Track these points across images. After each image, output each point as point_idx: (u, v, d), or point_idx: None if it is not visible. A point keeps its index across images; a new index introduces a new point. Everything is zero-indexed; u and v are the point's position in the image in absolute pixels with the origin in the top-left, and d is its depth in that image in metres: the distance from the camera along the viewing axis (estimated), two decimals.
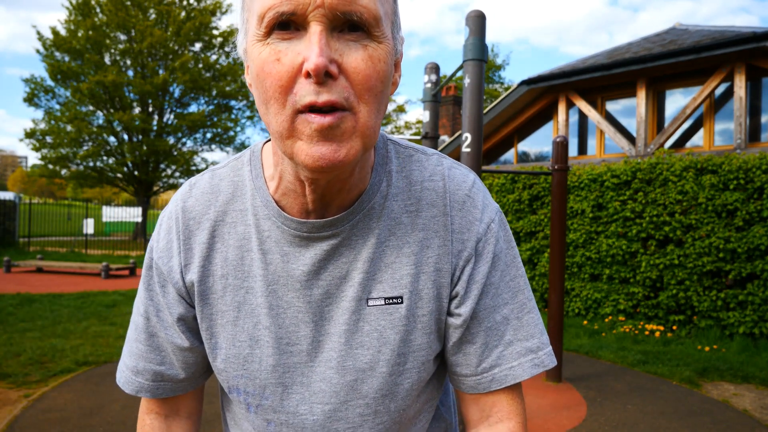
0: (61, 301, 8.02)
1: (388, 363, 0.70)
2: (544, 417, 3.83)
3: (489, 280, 0.71)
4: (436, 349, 0.73)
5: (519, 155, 12.38)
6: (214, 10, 25.41)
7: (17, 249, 17.59)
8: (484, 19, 3.38)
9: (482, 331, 0.71)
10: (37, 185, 66.81)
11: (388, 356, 0.70)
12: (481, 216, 0.72)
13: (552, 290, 4.71)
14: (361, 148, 0.61)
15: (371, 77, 0.59)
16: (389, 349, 0.70)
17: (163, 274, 0.75)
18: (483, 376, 0.72)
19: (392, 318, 0.70)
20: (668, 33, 10.98)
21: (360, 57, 0.58)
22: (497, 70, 32.43)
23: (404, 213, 0.71)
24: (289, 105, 0.58)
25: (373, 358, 0.70)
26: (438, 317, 0.72)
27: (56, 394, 4.06)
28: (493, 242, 0.72)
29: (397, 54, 0.66)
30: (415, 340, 0.71)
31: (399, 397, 0.72)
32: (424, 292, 0.70)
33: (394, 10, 0.65)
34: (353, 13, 0.57)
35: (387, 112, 24.70)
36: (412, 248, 0.70)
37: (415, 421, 0.77)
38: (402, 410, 0.73)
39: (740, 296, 5.99)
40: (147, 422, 0.83)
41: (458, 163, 0.78)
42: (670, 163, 6.61)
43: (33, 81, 23.58)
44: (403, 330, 0.70)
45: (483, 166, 10.72)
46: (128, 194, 27.55)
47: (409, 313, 0.70)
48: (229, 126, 26.07)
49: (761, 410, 4.14)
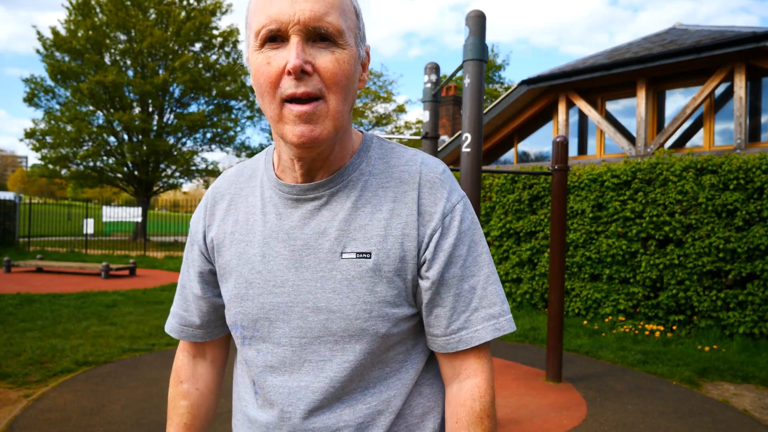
0: (61, 301, 8.02)
1: (354, 308, 0.83)
2: (544, 417, 3.83)
3: (457, 252, 0.85)
4: (400, 305, 0.85)
5: (519, 155, 12.38)
6: (214, 10, 25.39)
7: (17, 249, 17.59)
8: (484, 19, 3.38)
9: (451, 296, 0.85)
10: (37, 185, 66.81)
11: (355, 302, 0.83)
12: (449, 196, 0.86)
13: (552, 290, 4.71)
14: (332, 128, 0.80)
15: (338, 74, 0.78)
16: (356, 296, 0.83)
17: (192, 236, 1.00)
18: (451, 337, 0.85)
19: (361, 270, 0.83)
20: (668, 33, 10.98)
21: (328, 59, 0.77)
22: (497, 70, 32.43)
23: (380, 188, 0.87)
24: (277, 96, 0.78)
25: (342, 302, 0.83)
26: (403, 277, 0.84)
27: (56, 394, 4.06)
28: (458, 219, 0.86)
29: (362, 58, 0.85)
30: (380, 292, 0.83)
31: (364, 340, 0.83)
32: (391, 252, 0.84)
33: (357, 25, 0.83)
34: (321, 28, 0.76)
35: (387, 113, 24.71)
36: (383, 215, 0.85)
37: (385, 375, 0.88)
38: (367, 353, 0.84)
39: (740, 296, 5.99)
40: (179, 358, 1.06)
41: (432, 157, 0.92)
42: (670, 163, 6.61)
43: (33, 81, 23.57)
44: (369, 281, 0.83)
45: (483, 166, 10.72)
46: (128, 194, 27.54)
47: (376, 267, 0.83)
48: (229, 126, 26.06)
49: (761, 410, 4.14)
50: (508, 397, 4.25)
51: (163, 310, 7.62)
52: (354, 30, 0.82)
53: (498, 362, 5.34)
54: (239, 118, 27.23)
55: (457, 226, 0.85)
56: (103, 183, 26.66)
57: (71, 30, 23.49)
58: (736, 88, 9.03)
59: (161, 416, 3.67)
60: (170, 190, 28.36)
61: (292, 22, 0.75)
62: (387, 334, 0.84)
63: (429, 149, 4.67)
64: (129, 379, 4.47)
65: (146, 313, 7.36)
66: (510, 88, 13.98)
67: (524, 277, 7.82)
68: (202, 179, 28.25)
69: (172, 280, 11.24)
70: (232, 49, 26.37)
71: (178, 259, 15.85)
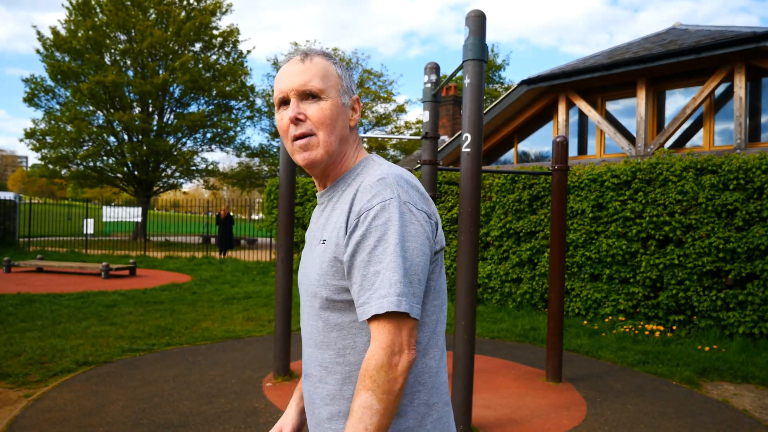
0: (61, 301, 8.02)
1: (315, 276, 1.17)
2: (544, 417, 3.83)
3: (366, 242, 1.07)
4: (339, 279, 1.13)
5: (519, 155, 12.38)
6: (214, 10, 25.38)
7: (17, 249, 17.59)
8: (484, 19, 3.38)
9: (359, 277, 1.08)
10: (37, 185, 66.78)
11: (316, 272, 1.17)
12: (371, 199, 1.09)
13: (552, 290, 4.71)
14: (324, 153, 1.18)
15: (320, 118, 1.17)
16: (317, 268, 1.16)
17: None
18: (360, 308, 1.08)
19: (320, 251, 1.17)
20: (668, 33, 10.98)
21: (313, 109, 1.17)
22: (497, 70, 32.42)
23: (345, 194, 1.18)
24: (289, 138, 1.20)
25: (312, 272, 1.19)
26: (339, 258, 1.12)
27: (56, 394, 4.06)
28: (372, 216, 1.08)
29: (348, 104, 1.23)
30: (327, 267, 1.14)
31: (316, 300, 1.17)
32: (331, 239, 1.14)
33: (340, 83, 1.21)
34: (307, 90, 1.17)
35: (387, 113, 24.62)
36: (337, 213, 1.17)
37: (327, 345, 1.17)
38: (317, 310, 1.17)
39: (740, 296, 5.99)
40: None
41: (392, 169, 1.15)
42: (670, 163, 6.61)
43: (33, 81, 23.56)
44: (319, 258, 1.17)
45: (483, 166, 10.72)
46: (128, 194, 27.53)
47: (325, 250, 1.15)
48: (229, 126, 26.04)
49: (761, 410, 4.14)
50: (508, 397, 4.26)
51: (163, 310, 7.62)
52: (336, 87, 1.20)
53: (498, 362, 5.34)
54: (239, 118, 27.22)
55: (369, 221, 1.07)
56: (103, 183, 26.66)
57: (71, 30, 23.48)
58: (736, 88, 9.03)
59: (161, 416, 3.67)
60: (170, 190, 28.36)
61: (291, 90, 1.18)
62: (328, 298, 1.14)
63: (429, 149, 4.67)
64: (129, 379, 4.47)
65: (146, 313, 7.36)
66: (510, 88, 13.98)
67: (524, 277, 7.82)
68: (202, 179, 28.25)
69: (172, 280, 11.24)
70: (232, 49, 26.36)
71: (178, 259, 15.84)
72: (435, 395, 1.16)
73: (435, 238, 1.14)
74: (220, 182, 32.78)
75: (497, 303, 8.15)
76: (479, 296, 8.35)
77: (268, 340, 6.00)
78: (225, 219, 18.32)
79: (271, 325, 6.71)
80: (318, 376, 1.19)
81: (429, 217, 1.13)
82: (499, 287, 8.09)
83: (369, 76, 31.51)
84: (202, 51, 25.74)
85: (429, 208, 1.14)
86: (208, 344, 5.80)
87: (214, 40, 25.58)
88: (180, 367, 4.86)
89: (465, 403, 3.34)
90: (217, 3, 25.55)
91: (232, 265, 14.22)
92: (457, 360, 3.35)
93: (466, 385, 3.33)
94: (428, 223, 1.12)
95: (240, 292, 9.50)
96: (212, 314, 7.45)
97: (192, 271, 13.02)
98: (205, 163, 27.05)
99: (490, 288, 8.23)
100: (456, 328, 3.35)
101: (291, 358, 4.89)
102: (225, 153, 30.65)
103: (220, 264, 14.45)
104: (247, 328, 6.55)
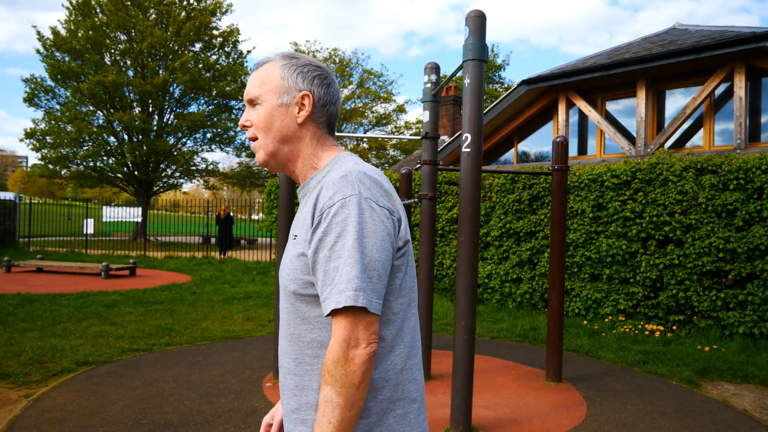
0: (61, 301, 8.02)
1: (285, 270, 1.21)
2: (544, 417, 3.83)
3: (326, 239, 1.11)
4: (306, 273, 1.16)
5: (519, 155, 12.38)
6: (214, 10, 25.37)
7: (17, 249, 17.59)
8: (484, 19, 3.38)
9: (321, 272, 1.11)
10: (37, 185, 66.79)
11: (287, 266, 1.20)
12: (332, 196, 1.12)
13: (552, 290, 4.71)
14: (265, 154, 1.27)
15: (257, 123, 1.26)
16: (287, 263, 1.21)
17: None
18: (323, 303, 1.10)
19: (291, 246, 1.21)
20: (668, 33, 10.98)
21: (253, 115, 1.27)
22: (497, 70, 32.41)
23: (314, 191, 1.20)
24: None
25: (284, 266, 1.22)
26: (303, 254, 1.16)
27: (56, 394, 4.06)
28: (332, 213, 1.11)
29: (285, 102, 1.25)
30: (292, 261, 1.19)
31: (285, 293, 1.22)
32: (300, 235, 1.18)
33: (280, 84, 1.25)
34: (249, 98, 1.28)
35: (387, 113, 24.66)
36: (306, 210, 1.19)
37: (296, 337, 1.20)
38: (288, 304, 1.21)
39: (740, 296, 5.99)
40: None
41: (356, 167, 1.17)
42: (670, 163, 6.61)
43: (33, 81, 23.55)
44: (290, 253, 1.20)
45: (483, 166, 10.71)
46: (128, 194, 27.52)
47: (295, 245, 1.19)
48: (229, 126, 26.03)
49: (761, 410, 4.14)
50: (508, 397, 4.26)
51: (163, 310, 7.62)
52: (274, 89, 1.25)
53: (498, 362, 5.34)
54: (239, 118, 27.18)
55: (330, 218, 1.10)
56: (103, 183, 26.64)
57: (71, 30, 23.47)
58: (736, 88, 9.03)
59: (161, 416, 3.67)
60: (170, 190, 28.35)
61: (245, 100, 1.30)
62: (296, 292, 1.18)
63: (429, 149, 4.67)
64: (129, 379, 4.47)
65: (146, 313, 7.36)
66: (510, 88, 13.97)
67: (524, 277, 7.82)
68: (202, 179, 28.25)
69: (172, 280, 11.24)
70: (232, 49, 26.35)
71: (178, 259, 15.84)
72: (399, 391, 1.17)
73: (398, 234, 1.16)
74: (220, 182, 32.79)
75: (497, 303, 8.15)
76: (479, 296, 8.35)
77: (268, 340, 6.00)
78: (224, 219, 18.32)
79: (271, 325, 6.72)
80: (287, 367, 1.22)
81: (391, 213, 1.14)
82: (499, 287, 8.09)
83: (369, 76, 31.52)
84: (202, 51, 25.73)
85: (392, 204, 1.15)
86: (208, 344, 5.80)
87: (214, 40, 25.57)
88: (180, 367, 4.86)
89: (465, 403, 3.34)
90: (217, 3, 25.55)
91: (232, 265, 14.22)
92: (457, 360, 3.35)
93: (466, 385, 3.33)
94: (389, 219, 1.13)
95: (240, 292, 9.50)
96: (212, 314, 7.45)
97: (192, 271, 13.02)
98: (205, 163, 27.04)
99: (490, 288, 8.23)
100: (456, 328, 3.35)
101: None
102: (225, 153, 30.61)
103: (220, 264, 14.45)
104: (247, 328, 6.55)
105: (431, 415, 3.78)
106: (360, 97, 31.30)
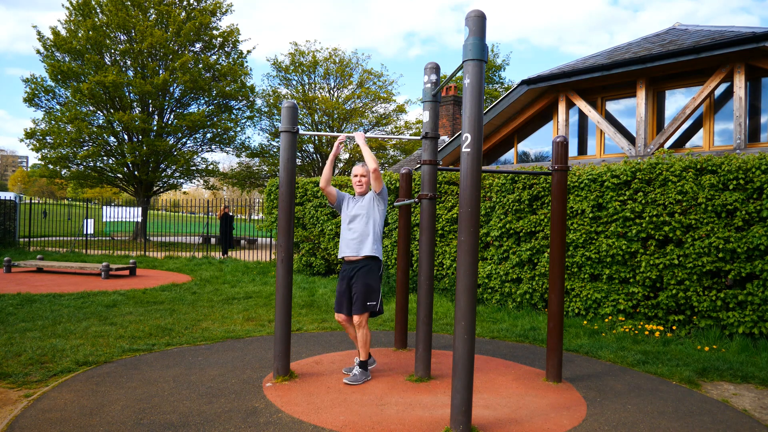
0: (61, 301, 8.02)
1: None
2: (544, 417, 3.83)
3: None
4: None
5: (519, 155, 12.38)
6: (214, 10, 25.38)
7: (17, 249, 17.60)
8: (484, 19, 3.39)
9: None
10: (38, 185, 66.78)
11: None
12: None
13: (552, 290, 4.71)
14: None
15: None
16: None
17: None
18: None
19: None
20: (668, 33, 10.97)
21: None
22: (497, 70, 32.41)
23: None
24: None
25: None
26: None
27: (56, 394, 4.06)
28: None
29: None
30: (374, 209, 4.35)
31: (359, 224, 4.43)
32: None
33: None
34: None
35: (387, 113, 24.83)
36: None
37: (365, 239, 4.47)
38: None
39: (740, 296, 5.99)
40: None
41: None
42: (670, 163, 6.61)
43: (33, 81, 23.55)
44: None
45: (483, 166, 10.72)
46: (128, 194, 27.52)
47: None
48: (229, 126, 26.04)
49: (761, 410, 4.14)
50: (508, 397, 4.26)
51: (163, 310, 7.63)
52: None
53: (498, 362, 5.34)
54: (239, 118, 27.21)
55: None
56: (104, 183, 26.64)
57: (71, 30, 23.48)
58: (736, 89, 9.03)
59: (161, 416, 3.67)
60: (170, 190, 28.34)
61: None
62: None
63: (429, 149, 4.67)
64: (129, 379, 4.47)
65: (146, 313, 7.36)
66: (510, 88, 13.95)
67: (524, 277, 7.82)
68: (202, 179, 28.26)
69: (172, 280, 11.25)
70: (232, 49, 26.36)
71: (178, 259, 15.84)
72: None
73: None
74: (220, 182, 32.80)
75: (497, 303, 8.15)
76: (479, 296, 8.35)
77: (268, 340, 6.00)
78: (223, 218, 18.36)
79: (271, 325, 6.72)
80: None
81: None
82: (499, 287, 8.09)
83: (369, 76, 31.51)
84: (202, 51, 25.74)
85: None
86: (208, 344, 5.80)
87: (214, 41, 25.58)
88: (180, 367, 4.87)
89: (465, 403, 3.34)
90: (217, 3, 25.56)
91: (232, 265, 14.22)
92: (457, 360, 3.35)
93: (466, 385, 3.33)
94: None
95: (240, 292, 9.50)
96: (212, 314, 7.45)
97: (192, 271, 13.03)
98: (205, 163, 27.05)
99: (490, 288, 8.23)
100: (456, 328, 3.36)
101: (291, 358, 4.90)
102: (225, 153, 30.59)
103: (220, 264, 14.45)
104: (247, 328, 6.55)
105: (431, 415, 3.78)
106: (360, 97, 31.30)
